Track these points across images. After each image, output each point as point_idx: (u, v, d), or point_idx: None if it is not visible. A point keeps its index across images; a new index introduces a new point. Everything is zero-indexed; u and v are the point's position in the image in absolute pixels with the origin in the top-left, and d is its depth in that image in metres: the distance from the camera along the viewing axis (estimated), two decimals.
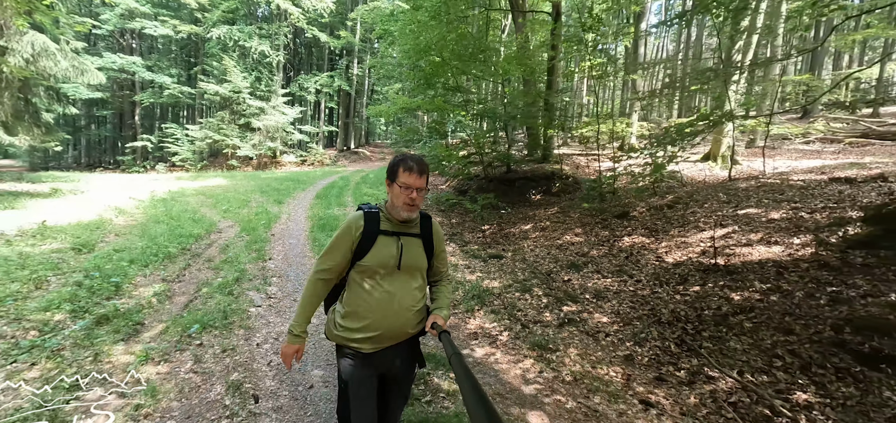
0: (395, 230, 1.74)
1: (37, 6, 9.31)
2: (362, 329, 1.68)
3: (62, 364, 3.04)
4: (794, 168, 9.27)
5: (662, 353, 3.84)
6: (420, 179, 1.68)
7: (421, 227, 1.82)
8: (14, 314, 3.76)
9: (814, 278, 4.40)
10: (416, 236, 1.78)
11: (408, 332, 1.76)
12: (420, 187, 1.69)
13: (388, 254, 1.70)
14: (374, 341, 1.70)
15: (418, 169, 1.69)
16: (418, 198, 1.70)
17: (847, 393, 3.04)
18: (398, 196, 1.70)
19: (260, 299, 4.59)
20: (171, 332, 3.67)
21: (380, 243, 1.70)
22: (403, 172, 1.68)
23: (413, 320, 1.76)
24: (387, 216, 1.76)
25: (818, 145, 14.21)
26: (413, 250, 1.76)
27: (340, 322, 1.73)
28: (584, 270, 6.04)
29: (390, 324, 1.70)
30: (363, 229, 1.69)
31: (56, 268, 4.96)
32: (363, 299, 1.69)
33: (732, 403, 3.09)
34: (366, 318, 1.69)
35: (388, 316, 1.69)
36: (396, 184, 1.70)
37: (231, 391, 2.92)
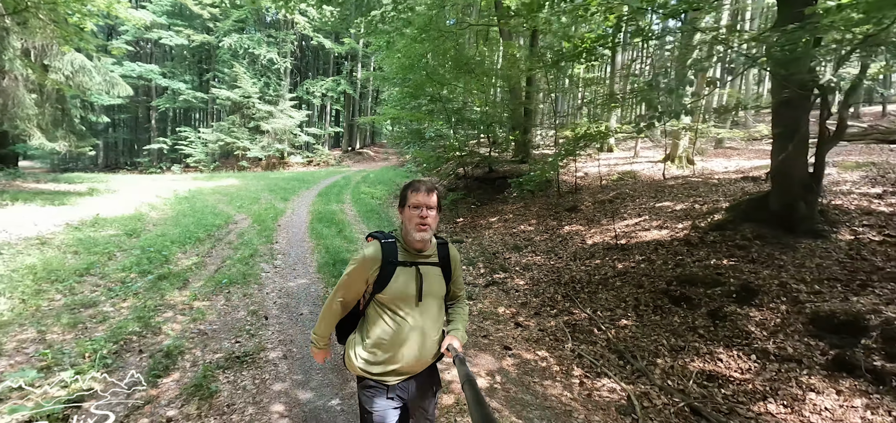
0: (412, 260, 1.74)
1: (83, 36, 11.23)
2: (385, 362, 1.71)
3: (143, 300, 4.83)
4: (727, 168, 10.83)
5: (549, 302, 5.52)
6: (429, 198, 1.70)
7: (438, 254, 1.82)
8: (101, 274, 5.59)
9: (675, 251, 6.05)
10: (434, 265, 1.79)
11: (428, 360, 1.79)
12: (430, 206, 1.70)
13: (407, 286, 1.70)
14: (397, 374, 1.73)
15: (426, 188, 1.71)
16: (430, 217, 1.69)
17: (652, 320, 4.70)
18: (410, 219, 1.70)
19: (268, 268, 6.37)
20: (208, 284, 5.46)
21: (398, 275, 1.70)
22: (412, 194, 1.70)
23: (432, 348, 1.78)
24: (403, 246, 1.76)
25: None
26: (432, 279, 1.77)
27: (362, 355, 1.74)
28: (523, 250, 7.73)
29: (411, 355, 1.72)
30: (381, 264, 1.69)
31: (118, 247, 6.80)
32: (385, 331, 1.70)
33: (573, 325, 4.78)
34: (388, 351, 1.70)
35: (409, 348, 1.71)
36: (407, 207, 1.71)
37: (250, 314, 4.68)
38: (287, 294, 5.38)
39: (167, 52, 32.31)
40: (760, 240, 5.59)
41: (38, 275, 5.14)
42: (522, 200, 11.58)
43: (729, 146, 15.63)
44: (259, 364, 3.63)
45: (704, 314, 4.52)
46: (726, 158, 13.55)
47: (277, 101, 28.91)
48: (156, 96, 30.40)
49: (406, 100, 13.22)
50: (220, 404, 3.05)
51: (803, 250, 5.09)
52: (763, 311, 4.24)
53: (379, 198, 14.42)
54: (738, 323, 4.19)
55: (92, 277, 5.48)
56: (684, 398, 3.37)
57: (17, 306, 4.35)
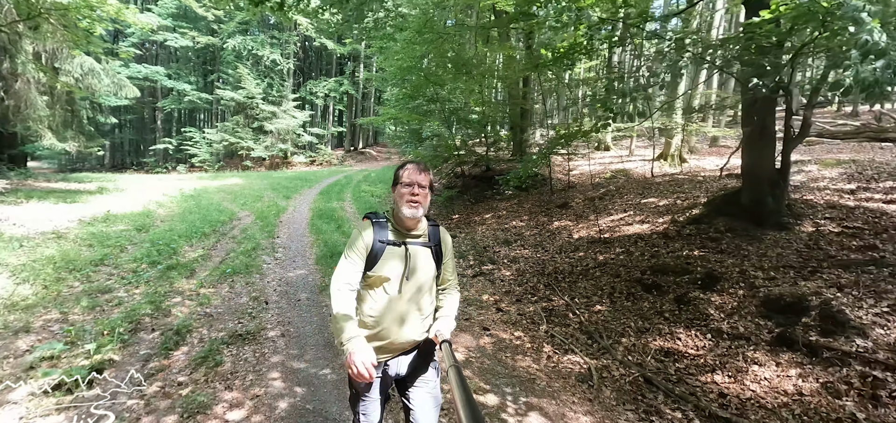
0: (402, 240, 1.77)
1: (92, 40, 11.71)
2: (371, 339, 1.72)
3: (154, 287, 5.27)
4: (717, 166, 11.15)
5: (531, 290, 5.91)
6: (420, 175, 1.73)
7: (430, 235, 1.85)
8: (114, 264, 6.03)
9: (653, 243, 6.42)
10: (424, 246, 1.81)
11: (415, 340, 1.81)
12: (422, 184, 1.72)
13: (396, 264, 1.74)
14: (383, 351, 1.76)
15: (418, 167, 1.75)
16: (421, 195, 1.71)
17: (624, 305, 5.08)
18: (402, 196, 1.72)
19: (270, 260, 6.80)
20: (213, 274, 5.89)
21: (388, 254, 1.73)
22: (404, 172, 1.75)
23: (420, 328, 1.81)
24: (394, 226, 1.79)
25: None
26: (421, 260, 1.79)
27: None
28: (513, 244, 8.11)
29: (398, 333, 1.75)
30: (374, 240, 1.74)
31: (129, 240, 7.26)
32: (372, 308, 1.74)
33: (550, 310, 5.16)
34: (374, 328, 1.73)
35: (396, 325, 1.74)
36: (399, 185, 1.75)
37: (251, 300, 5.11)
38: (286, 283, 5.80)
39: (172, 54, 32.92)
40: (731, 232, 5.96)
41: (58, 265, 5.59)
42: (517, 198, 11.96)
43: (723, 145, 15.93)
44: (259, 341, 4.04)
45: (671, 300, 4.89)
46: (720, 155, 13.83)
47: (281, 101, 29.42)
48: (161, 97, 31.02)
49: (404, 100, 13.63)
50: (224, 372, 3.47)
51: (768, 240, 5.45)
52: (722, 296, 4.61)
53: (379, 196, 14.84)
54: (699, 307, 4.56)
55: (106, 267, 5.92)
56: (640, 370, 3.76)
57: (41, 292, 4.79)
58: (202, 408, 2.95)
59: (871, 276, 4.15)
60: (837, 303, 3.83)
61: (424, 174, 1.75)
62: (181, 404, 2.99)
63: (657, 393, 3.44)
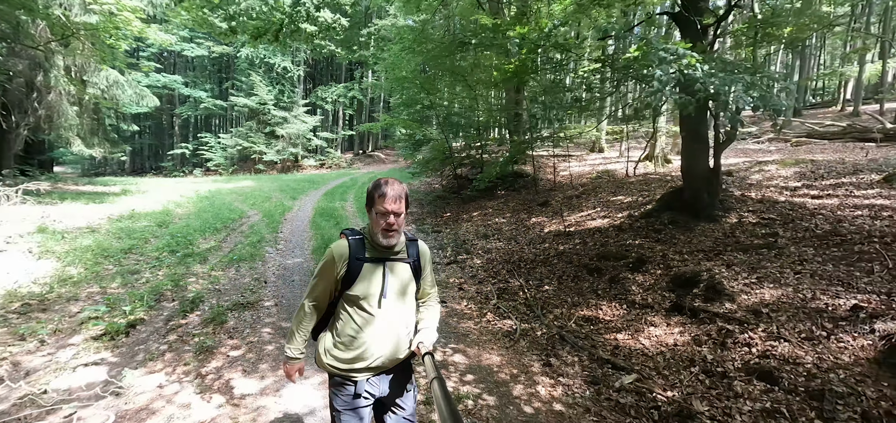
0: (380, 256, 1.76)
1: (117, 56, 13.03)
2: (354, 359, 1.74)
3: (173, 270, 6.36)
4: None
5: (494, 274, 6.85)
6: (396, 204, 1.69)
7: (408, 251, 1.84)
8: (140, 252, 7.17)
9: (606, 235, 7.31)
10: (402, 261, 1.81)
11: (397, 357, 1.81)
12: (397, 212, 1.69)
13: (374, 282, 1.73)
14: (365, 370, 1.76)
15: (392, 195, 1.69)
16: (396, 223, 1.71)
17: (569, 285, 5.99)
18: (376, 223, 1.71)
19: (272, 250, 7.88)
20: (223, 260, 6.98)
21: (366, 272, 1.73)
22: (379, 198, 1.70)
23: (403, 344, 1.81)
24: (371, 243, 1.77)
25: (766, 144, 16.62)
26: (400, 276, 1.79)
27: (331, 352, 1.77)
28: (490, 238, 9.06)
29: (379, 351, 1.75)
30: (348, 259, 1.73)
31: (152, 234, 8.41)
32: (353, 328, 1.73)
33: (504, 289, 6.11)
34: (357, 347, 1.73)
35: (379, 343, 1.74)
36: (374, 211, 1.72)
37: (253, 280, 6.16)
38: (284, 268, 6.85)
39: (189, 63, 34.63)
40: (672, 224, 6.83)
41: (94, 252, 6.74)
42: (505, 198, 12.86)
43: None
44: (257, 309, 5.08)
45: (606, 280, 5.80)
46: None
47: (291, 107, 30.81)
48: (179, 104, 32.72)
49: (402, 108, 14.68)
50: (228, 328, 4.51)
51: (697, 230, 6.32)
52: (644, 275, 5.50)
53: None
54: (625, 284, 5.46)
55: (133, 255, 7.06)
56: (559, 330, 4.69)
57: (83, 272, 5.92)
58: (210, 349, 3.99)
59: (757, 256, 5.01)
60: (720, 277, 4.71)
61: (399, 202, 1.71)
62: (195, 345, 4.04)
63: (565, 346, 4.36)
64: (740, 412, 3.13)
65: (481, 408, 3.19)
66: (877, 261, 4.34)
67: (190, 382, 3.42)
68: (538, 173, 14.77)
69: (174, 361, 3.78)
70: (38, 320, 4.43)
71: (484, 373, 3.76)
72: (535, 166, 15.93)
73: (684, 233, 6.38)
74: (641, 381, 3.65)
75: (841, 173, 8.48)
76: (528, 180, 14.15)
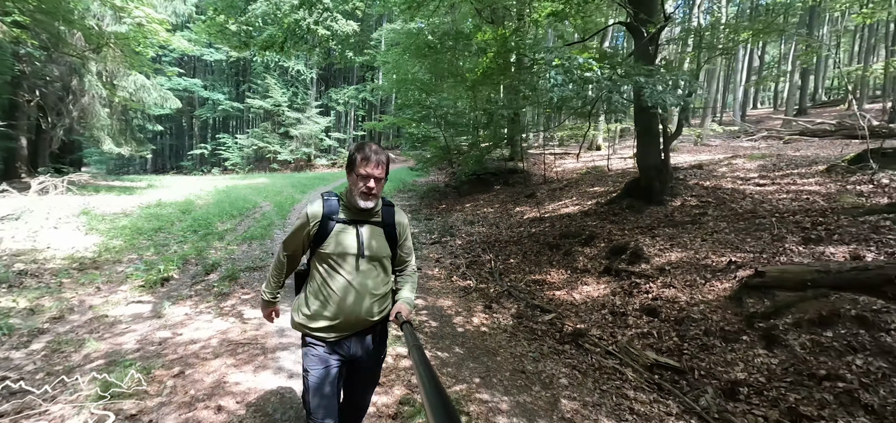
0: (353, 219, 1.80)
1: (144, 62, 14.50)
2: (324, 318, 1.78)
3: (198, 245, 7.60)
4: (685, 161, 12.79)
5: (469, 250, 7.91)
6: (376, 169, 1.73)
7: (383, 215, 1.87)
8: (168, 233, 8.44)
9: (572, 219, 8.31)
10: (377, 225, 1.84)
11: (370, 320, 1.84)
12: (378, 177, 1.74)
13: (347, 242, 1.77)
14: (336, 330, 1.80)
15: (375, 159, 1.73)
16: (376, 187, 1.74)
17: (530, 259, 7.02)
18: (355, 184, 1.75)
19: (279, 232, 9.08)
20: (238, 238, 8.20)
21: (337, 232, 1.77)
22: (360, 162, 1.73)
23: (375, 308, 1.84)
24: (346, 204, 1.81)
25: (760, 142, 17.31)
26: (374, 238, 1.82)
27: (303, 311, 1.82)
28: (475, 224, 10.12)
29: (351, 312, 1.78)
30: (320, 218, 1.77)
31: (177, 219, 9.70)
32: (323, 287, 1.78)
33: (475, 261, 7.17)
34: (327, 307, 1.77)
35: (349, 304, 1.77)
36: (354, 173, 1.76)
37: (262, 252, 7.35)
38: None
39: (208, 67, 36.48)
40: (629, 209, 7.80)
41: (130, 230, 8.03)
42: (498, 191, 13.90)
43: (704, 144, 17.37)
44: (262, 271, 6.26)
45: (561, 253, 6.82)
46: (692, 154, 15.35)
47: (305, 108, 32.30)
48: (198, 106, 34.53)
49: (402, 108, 15.84)
50: (240, 282, 5.68)
51: (646, 212, 7.29)
52: (591, 248, 6.51)
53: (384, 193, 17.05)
54: (574, 256, 6.48)
55: (162, 233, 8.34)
56: (508, 288, 5.74)
57: (123, 244, 7.19)
58: (226, 294, 5.17)
59: (681, 230, 5.99)
60: (643, 245, 5.71)
61: (380, 167, 1.75)
62: (214, 292, 5.22)
63: (510, 299, 5.42)
64: (623, 334, 4.16)
65: (425, 328, 4.28)
66: (768, 230, 5.28)
67: (211, 311, 4.59)
68: (533, 169, 15.79)
69: (199, 301, 4.96)
70: (93, 275, 5.67)
71: (436, 311, 4.85)
72: (529, 162, 16.95)
73: (635, 215, 7.36)
74: (558, 318, 4.70)
75: (797, 165, 9.31)
76: (522, 176, 15.17)
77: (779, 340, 3.44)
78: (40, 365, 3.37)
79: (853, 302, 3.41)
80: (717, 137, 19.31)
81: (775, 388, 3.08)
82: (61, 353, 3.57)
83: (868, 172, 7.11)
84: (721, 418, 2.95)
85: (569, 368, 3.69)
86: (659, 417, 3.01)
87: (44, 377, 3.14)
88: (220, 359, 3.51)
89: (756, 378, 3.22)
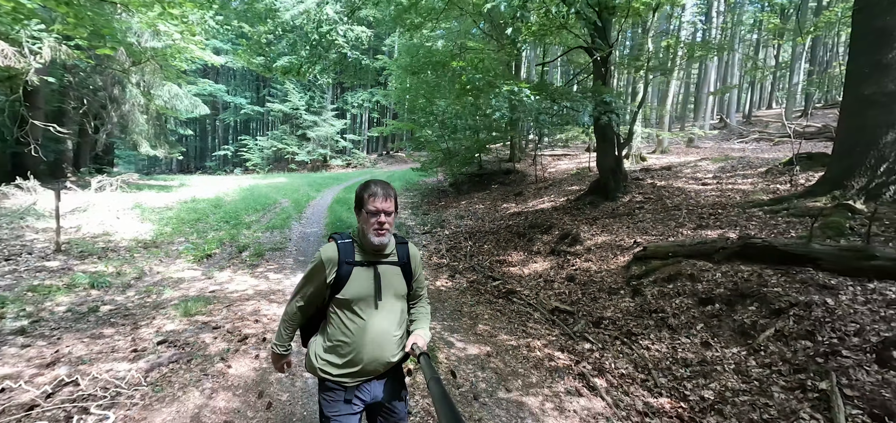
0: (370, 260, 1.79)
1: (178, 73, 16.54)
2: (344, 364, 1.76)
3: (231, 232, 9.41)
4: (666, 162, 14.14)
5: (452, 239, 9.52)
6: (386, 203, 1.73)
7: (398, 253, 1.87)
8: (206, 223, 10.30)
9: (544, 212, 9.85)
10: (393, 264, 1.84)
11: (390, 361, 1.82)
12: (387, 211, 1.73)
13: (365, 286, 1.76)
14: (357, 375, 1.78)
15: (383, 194, 1.73)
16: (387, 222, 1.74)
17: (501, 246, 8.60)
18: (367, 223, 1.74)
19: (296, 224, 10.86)
20: (262, 227, 10.00)
21: (356, 275, 1.75)
22: (369, 199, 1.73)
23: (394, 348, 1.83)
24: (361, 246, 1.80)
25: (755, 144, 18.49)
26: (391, 279, 1.81)
27: (321, 356, 1.80)
28: (464, 218, 11.71)
29: (372, 355, 1.76)
30: (338, 264, 1.74)
31: (211, 212, 11.59)
32: (343, 332, 1.76)
33: (454, 246, 8.78)
34: (347, 351, 1.75)
35: (370, 348, 1.76)
36: (364, 211, 1.75)
37: (282, 239, 9.11)
38: (304, 234, 9.79)
39: (231, 72, 38.93)
40: (590, 204, 9.30)
41: (176, 220, 9.91)
42: (492, 189, 15.46)
43: (696, 145, 18.61)
44: (283, 251, 8.00)
45: (525, 240, 8.38)
46: (679, 155, 16.65)
47: (321, 111, 34.38)
48: (222, 111, 36.98)
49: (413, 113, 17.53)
50: (266, 258, 7.43)
51: (601, 207, 8.78)
52: (548, 235, 8.05)
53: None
54: (534, 241, 8.04)
55: (200, 223, 10.20)
56: (474, 264, 7.33)
57: (172, 230, 9.04)
58: (255, 265, 6.91)
59: (617, 220, 7.49)
60: (581, 232, 7.24)
61: (389, 200, 1.75)
62: (245, 264, 6.97)
63: (472, 271, 7.01)
64: (544, 292, 5.74)
65: None
66: (675, 220, 6.76)
67: (246, 274, 6.34)
68: (529, 170, 17.29)
69: (236, 269, 6.72)
70: (155, 251, 7.50)
71: None
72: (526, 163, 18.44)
73: (591, 209, 8.86)
74: (502, 284, 6.29)
75: (750, 167, 10.65)
76: (518, 176, 16.69)
77: (640, 291, 4.96)
78: (137, 302, 5.13)
79: (692, 265, 4.91)
80: (711, 139, 20.53)
81: (625, 320, 4.62)
82: (149, 296, 5.34)
83: (793, 172, 8.48)
84: (582, 336, 4.51)
85: (494, 310, 5.28)
86: (542, 335, 4.59)
87: (142, 309, 4.90)
88: (254, 300, 5.23)
89: (616, 314, 4.76)
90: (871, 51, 5.67)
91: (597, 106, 6.66)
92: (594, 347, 4.24)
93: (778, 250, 4.40)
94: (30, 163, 13.19)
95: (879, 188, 5.48)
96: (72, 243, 7.35)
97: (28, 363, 3.53)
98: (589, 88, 7.38)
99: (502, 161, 18.55)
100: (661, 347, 4.00)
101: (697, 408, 3.19)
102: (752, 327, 3.76)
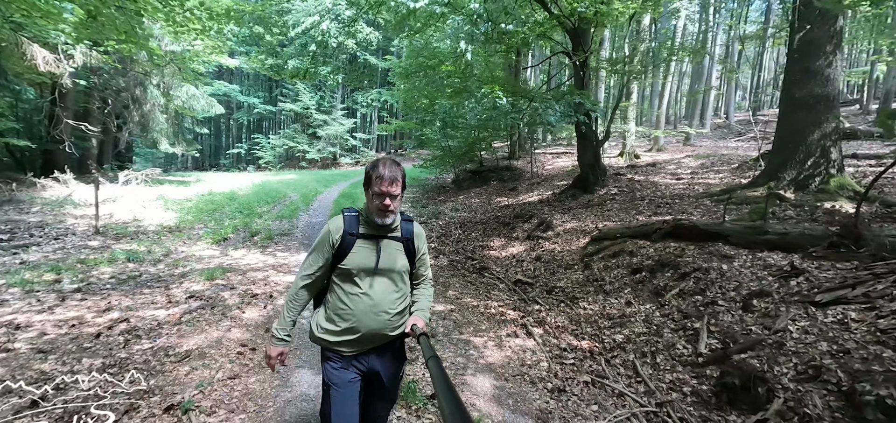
0: (374, 234, 1.86)
1: (197, 76, 17.78)
2: (343, 333, 1.84)
3: (247, 220, 10.49)
4: (663, 159, 14.90)
5: (444, 228, 10.45)
6: (392, 186, 1.77)
7: (402, 230, 1.94)
8: (222, 212, 11.40)
9: (530, 204, 10.74)
10: (396, 240, 1.91)
11: (388, 334, 1.89)
12: (393, 194, 1.78)
13: (366, 257, 1.83)
14: (355, 344, 1.86)
15: (389, 177, 1.77)
16: (392, 203, 1.79)
17: (488, 233, 9.52)
18: (372, 202, 1.80)
19: (303, 214, 11.92)
20: (273, 217, 11.06)
21: (358, 247, 1.84)
22: (376, 179, 1.78)
23: (393, 322, 1.89)
24: (366, 220, 1.87)
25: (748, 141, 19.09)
26: (392, 254, 1.88)
27: (322, 325, 1.89)
28: (459, 210, 12.64)
29: (369, 326, 1.83)
30: (343, 233, 1.83)
31: (226, 204, 12.71)
32: (343, 302, 1.84)
33: (445, 234, 9.72)
34: (346, 321, 1.83)
35: (368, 319, 1.83)
36: (370, 190, 1.81)
37: (290, 227, 10.16)
38: (310, 223, 10.82)
39: (244, 73, 40.36)
40: (571, 197, 10.17)
41: (195, 210, 11.03)
42: (490, 185, 16.35)
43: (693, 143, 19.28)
44: (291, 236, 9.03)
45: (508, 229, 9.29)
46: (672, 153, 17.36)
47: (331, 111, 35.60)
48: (235, 110, 38.43)
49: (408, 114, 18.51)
50: (275, 241, 8.46)
51: (580, 199, 9.65)
52: (526, 223, 8.96)
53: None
54: (515, 229, 8.94)
55: (217, 213, 11.31)
56: (458, 248, 8.26)
57: (193, 218, 10.14)
58: (266, 246, 7.95)
59: (588, 209, 8.36)
60: (554, 219, 8.13)
61: (395, 184, 1.79)
62: (256, 245, 8.02)
63: (456, 253, 7.95)
64: (513, 269, 6.66)
65: None
66: (636, 208, 7.61)
67: (257, 252, 7.38)
68: (527, 166, 18.14)
69: (249, 249, 7.76)
70: (179, 235, 8.59)
71: None
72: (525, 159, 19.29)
73: (571, 201, 9.73)
74: (480, 263, 7.22)
75: (726, 163, 11.41)
76: (516, 172, 17.55)
77: (590, 266, 5.86)
78: (167, 272, 6.18)
79: (635, 244, 5.78)
80: (710, 138, 21.16)
81: (572, 288, 5.53)
82: (177, 268, 6.40)
83: (758, 167, 9.25)
84: (534, 300, 5.43)
85: (466, 282, 6.23)
86: (501, 300, 5.52)
87: (172, 276, 5.94)
88: (264, 271, 6.25)
89: (566, 284, 5.67)
90: (802, 59, 6.48)
91: (570, 107, 7.55)
92: (542, 308, 5.16)
93: (699, 228, 5.27)
94: (59, 159, 14.47)
95: (806, 180, 6.30)
96: (108, 227, 8.47)
97: (88, 309, 4.58)
98: (563, 91, 8.26)
99: (502, 158, 19.45)
100: (594, 306, 4.90)
101: (609, 347, 4.10)
102: (664, 289, 4.65)
